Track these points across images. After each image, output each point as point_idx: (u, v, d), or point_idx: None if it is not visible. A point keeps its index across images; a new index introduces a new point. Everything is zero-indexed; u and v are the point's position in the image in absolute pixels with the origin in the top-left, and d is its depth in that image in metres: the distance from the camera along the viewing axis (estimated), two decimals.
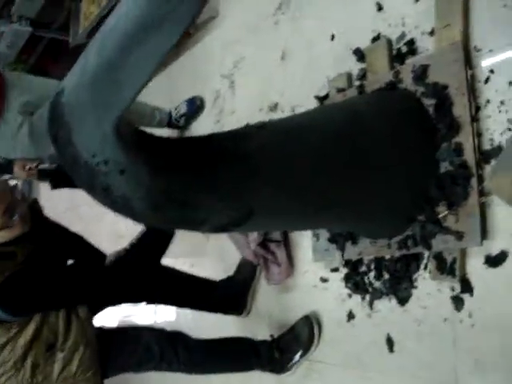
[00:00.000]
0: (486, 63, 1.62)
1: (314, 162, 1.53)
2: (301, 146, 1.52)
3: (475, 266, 1.62)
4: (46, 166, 2.75)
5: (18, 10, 3.20)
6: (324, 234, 2.06)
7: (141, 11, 0.98)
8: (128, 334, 2.12)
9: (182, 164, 1.33)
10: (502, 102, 1.57)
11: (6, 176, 3.06)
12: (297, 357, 2.18)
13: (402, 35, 1.89)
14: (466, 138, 1.61)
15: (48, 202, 2.66)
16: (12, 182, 1.94)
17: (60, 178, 2.84)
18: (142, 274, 2.23)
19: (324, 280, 2.15)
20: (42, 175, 2.75)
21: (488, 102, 1.61)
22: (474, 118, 1.62)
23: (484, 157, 1.60)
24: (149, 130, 1.28)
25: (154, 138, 1.35)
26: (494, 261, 1.57)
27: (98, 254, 2.32)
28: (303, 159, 1.51)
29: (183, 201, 1.33)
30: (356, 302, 2.01)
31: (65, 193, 2.96)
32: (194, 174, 1.34)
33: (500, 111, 1.58)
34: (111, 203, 1.27)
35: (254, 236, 2.27)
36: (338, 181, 1.59)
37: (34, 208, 2.10)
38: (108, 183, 1.22)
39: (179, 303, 2.44)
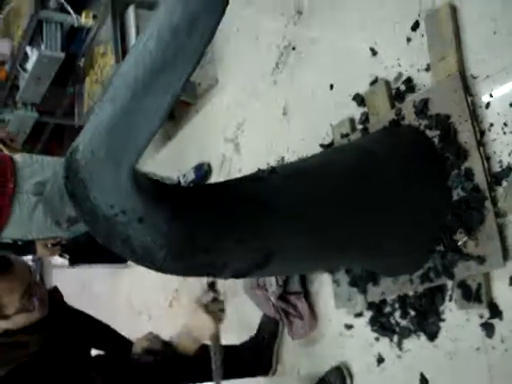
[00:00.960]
0: (484, 89, 1.66)
1: (327, 202, 1.55)
2: (313, 187, 1.54)
3: (501, 289, 1.60)
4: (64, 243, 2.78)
5: (23, 96, 3.31)
6: (344, 278, 2.05)
7: (151, 55, 1.02)
8: None
9: (199, 210, 1.34)
10: (505, 124, 1.60)
11: (29, 256, 3.08)
12: None
13: (399, 75, 1.94)
14: (475, 163, 1.63)
15: (60, 283, 2.65)
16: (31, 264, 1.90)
17: (79, 255, 2.86)
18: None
19: (349, 327, 2.12)
20: (64, 252, 2.78)
21: (491, 125, 1.64)
22: (480, 143, 1.64)
23: (495, 179, 1.61)
24: None
25: (170, 187, 1.37)
26: None
27: (125, 345, 2.16)
28: (316, 200, 1.53)
29: (203, 246, 1.34)
30: (384, 345, 1.97)
31: (77, 273, 2.97)
32: (212, 219, 1.35)
33: (505, 133, 1.60)
34: (131, 253, 1.27)
35: (273, 289, 2.25)
36: (353, 219, 1.60)
37: (54, 296, 1.98)
38: (127, 233, 1.23)
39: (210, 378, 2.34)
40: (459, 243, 1.65)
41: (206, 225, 1.34)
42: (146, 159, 3.51)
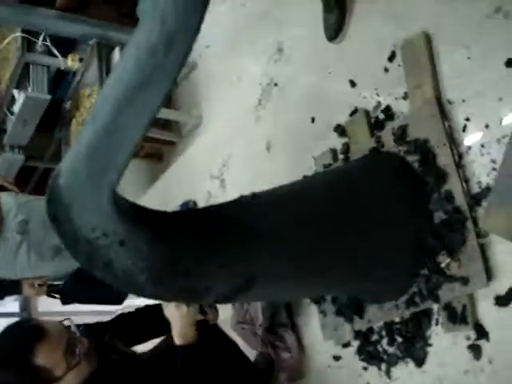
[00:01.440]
0: (460, 113, 1.70)
1: (307, 226, 1.56)
2: (293, 211, 1.56)
3: (486, 309, 1.60)
4: (53, 283, 2.75)
5: (10, 139, 3.33)
6: (330, 308, 2.04)
7: (130, 74, 1.04)
8: None
9: (180, 233, 1.35)
10: (482, 145, 1.63)
11: (13, 297, 3.04)
12: None
13: (378, 104, 1.98)
14: (454, 185, 1.65)
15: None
16: (66, 322, 1.85)
17: (69, 294, 2.82)
18: None
19: (337, 358, 2.09)
20: (52, 291, 2.74)
21: (469, 148, 1.67)
22: (459, 165, 1.67)
23: (475, 200, 1.63)
24: None
25: (151, 211, 1.37)
26: (505, 299, 1.55)
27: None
28: (297, 224, 1.54)
29: (184, 270, 1.34)
30: (373, 374, 1.95)
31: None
32: (194, 243, 1.35)
33: (482, 154, 1.63)
34: (113, 277, 1.27)
35: (259, 322, 2.23)
36: (334, 243, 1.61)
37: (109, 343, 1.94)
38: (109, 257, 1.23)
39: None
40: (442, 265, 1.66)
41: (188, 249, 1.34)
42: (134, 200, 3.50)
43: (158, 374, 1.91)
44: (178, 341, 1.79)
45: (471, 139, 1.67)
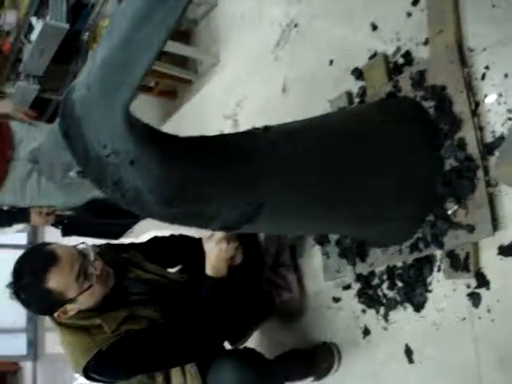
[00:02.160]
0: (480, 61, 1.67)
1: (319, 161, 1.55)
2: (304, 145, 1.55)
3: (489, 259, 1.61)
4: (61, 213, 2.78)
5: (26, 67, 3.32)
6: (334, 250, 2.06)
7: None
8: None
9: (191, 158, 1.35)
10: (500, 95, 1.61)
11: (20, 226, 3.08)
12: (308, 381, 2.13)
13: (398, 49, 1.95)
14: (468, 133, 1.64)
15: None
16: (81, 246, 1.89)
17: (72, 226, 2.87)
18: None
19: (337, 299, 2.12)
20: (58, 222, 2.78)
21: (486, 96, 1.64)
22: (475, 113, 1.65)
23: (488, 149, 1.62)
24: None
25: (164, 134, 1.38)
26: (508, 250, 1.56)
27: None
28: (309, 158, 1.53)
29: (194, 194, 1.34)
30: (371, 317, 1.98)
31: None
32: (205, 168, 1.35)
33: (499, 103, 1.61)
34: (122, 196, 1.28)
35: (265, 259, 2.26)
36: (343, 179, 1.60)
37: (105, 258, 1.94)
38: (119, 175, 1.23)
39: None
40: (449, 212, 1.66)
41: (198, 173, 1.34)
42: None
43: (180, 295, 1.99)
44: (209, 272, 1.84)
45: (489, 88, 1.64)
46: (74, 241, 1.96)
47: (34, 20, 3.21)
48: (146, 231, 3.60)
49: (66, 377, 4.90)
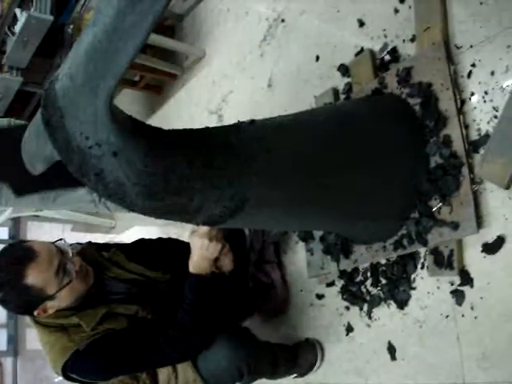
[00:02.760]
0: (467, 58, 1.67)
1: (304, 158, 1.54)
2: (288, 139, 1.54)
3: (473, 256, 1.61)
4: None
5: (9, 59, 3.27)
6: (318, 246, 2.05)
7: None
8: None
9: (175, 150, 1.33)
10: (485, 92, 1.61)
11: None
12: (290, 377, 2.13)
13: (385, 46, 1.95)
14: (453, 130, 1.64)
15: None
16: (59, 242, 1.86)
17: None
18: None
19: (320, 296, 2.12)
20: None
21: (472, 94, 1.64)
22: (460, 111, 1.65)
23: (473, 147, 1.62)
24: None
25: (148, 126, 1.36)
26: (492, 247, 1.56)
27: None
28: (294, 154, 1.52)
29: (177, 187, 1.32)
30: (354, 314, 1.97)
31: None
32: (189, 161, 1.34)
33: (485, 101, 1.61)
34: (104, 188, 1.25)
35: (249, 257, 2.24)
36: (329, 178, 1.59)
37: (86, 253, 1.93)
38: (101, 167, 1.21)
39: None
40: (434, 209, 1.66)
41: (181, 166, 1.32)
42: None
43: (164, 294, 1.96)
44: (191, 268, 1.82)
45: (475, 85, 1.64)
46: (53, 238, 1.92)
47: (18, 11, 3.16)
48: (129, 227, 3.59)
49: (47, 373, 4.85)
